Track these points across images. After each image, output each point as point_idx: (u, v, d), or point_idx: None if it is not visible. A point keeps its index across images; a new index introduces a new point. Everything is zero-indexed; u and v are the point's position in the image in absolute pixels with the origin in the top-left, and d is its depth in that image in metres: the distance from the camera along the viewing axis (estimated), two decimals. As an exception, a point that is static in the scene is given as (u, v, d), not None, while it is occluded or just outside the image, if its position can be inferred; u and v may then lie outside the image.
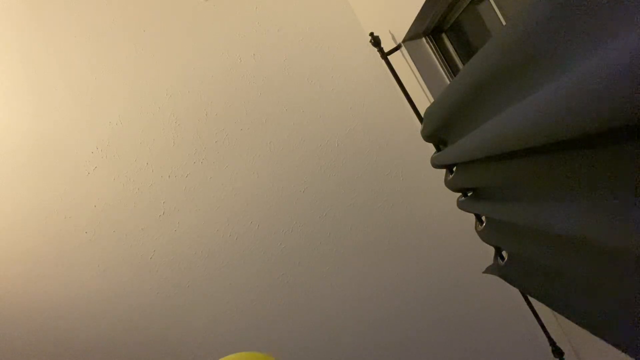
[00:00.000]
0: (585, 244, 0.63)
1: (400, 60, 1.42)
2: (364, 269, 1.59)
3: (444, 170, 1.28)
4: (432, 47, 1.37)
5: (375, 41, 1.30)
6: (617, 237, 0.48)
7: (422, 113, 1.26)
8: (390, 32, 1.40)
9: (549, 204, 0.69)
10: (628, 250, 0.46)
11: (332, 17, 1.67)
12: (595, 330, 0.72)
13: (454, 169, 1.19)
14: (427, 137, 1.24)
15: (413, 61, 1.37)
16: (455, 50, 1.36)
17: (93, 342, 1.46)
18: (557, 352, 1.31)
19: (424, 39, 1.37)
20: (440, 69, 1.38)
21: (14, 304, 1.45)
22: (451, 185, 1.21)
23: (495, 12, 1.05)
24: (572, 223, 0.58)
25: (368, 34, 1.32)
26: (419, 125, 1.38)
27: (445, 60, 1.37)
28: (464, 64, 1.35)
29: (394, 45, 1.38)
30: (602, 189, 0.55)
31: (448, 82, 1.38)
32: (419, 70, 1.37)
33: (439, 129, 1.12)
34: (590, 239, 0.54)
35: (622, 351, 0.65)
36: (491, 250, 1.25)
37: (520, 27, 0.58)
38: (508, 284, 1.11)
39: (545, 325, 1.33)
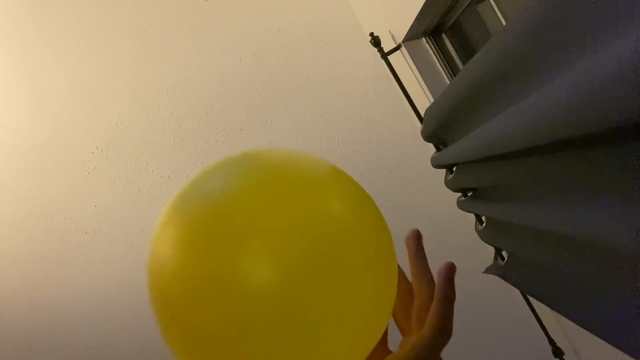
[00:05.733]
0: (586, 244, 0.63)
1: (400, 60, 1.42)
2: (364, 269, 1.58)
3: (444, 170, 1.27)
4: (432, 47, 1.37)
5: (375, 41, 1.30)
6: (617, 237, 0.48)
7: (422, 113, 1.26)
8: (390, 32, 1.40)
9: (549, 204, 0.69)
10: (628, 250, 0.46)
11: (332, 17, 1.67)
12: (595, 330, 0.72)
13: (454, 169, 1.19)
14: (427, 137, 1.24)
15: (413, 61, 1.37)
16: (455, 50, 1.36)
17: (93, 342, 1.46)
18: (557, 352, 1.31)
19: (424, 39, 1.37)
20: (440, 69, 1.38)
21: (14, 305, 1.45)
22: (451, 185, 1.21)
23: (495, 12, 1.05)
24: (573, 223, 0.58)
25: (368, 34, 1.32)
26: (419, 125, 1.38)
27: (445, 60, 1.37)
28: (464, 64, 1.35)
29: (394, 45, 1.38)
30: (602, 189, 0.55)
31: (448, 82, 1.38)
32: (419, 70, 1.37)
33: (439, 129, 1.12)
34: (590, 238, 0.54)
35: (622, 351, 0.65)
36: (491, 250, 1.25)
37: (520, 27, 0.58)
38: (508, 284, 1.11)
39: (545, 325, 1.33)
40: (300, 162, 0.32)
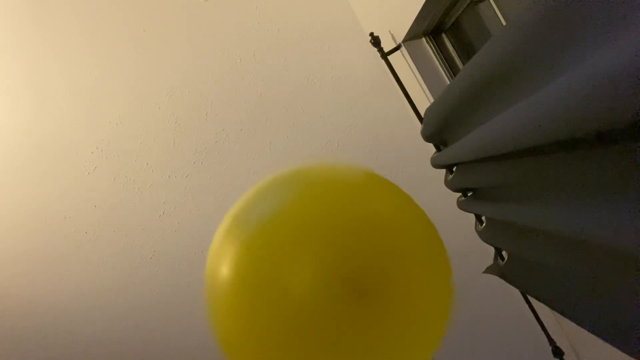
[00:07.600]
0: (586, 244, 0.63)
1: (400, 60, 1.42)
2: (364, 269, 1.58)
3: (444, 170, 1.27)
4: (432, 47, 1.37)
5: (375, 41, 1.30)
6: (617, 237, 0.48)
7: (422, 113, 1.26)
8: (390, 32, 1.40)
9: (549, 204, 0.69)
10: (628, 250, 0.46)
11: (332, 17, 1.67)
12: (595, 330, 0.72)
13: (454, 169, 1.19)
14: (427, 137, 1.24)
15: (413, 61, 1.37)
16: (455, 50, 1.36)
17: (92, 342, 1.46)
18: (557, 352, 1.31)
19: (424, 39, 1.37)
20: (440, 69, 1.38)
21: (14, 305, 1.45)
22: (451, 185, 1.21)
23: (495, 12, 1.05)
24: (572, 223, 0.58)
25: (368, 34, 1.32)
26: (419, 125, 1.38)
27: (445, 60, 1.37)
28: (464, 64, 1.35)
29: (394, 45, 1.38)
30: (602, 189, 0.55)
31: (448, 82, 1.38)
32: (419, 70, 1.37)
33: (439, 129, 1.12)
34: (590, 239, 0.54)
35: (622, 351, 0.65)
36: (491, 250, 1.25)
37: (520, 27, 0.58)
38: (508, 284, 1.11)
39: (545, 325, 1.33)
40: (338, 174, 0.34)
